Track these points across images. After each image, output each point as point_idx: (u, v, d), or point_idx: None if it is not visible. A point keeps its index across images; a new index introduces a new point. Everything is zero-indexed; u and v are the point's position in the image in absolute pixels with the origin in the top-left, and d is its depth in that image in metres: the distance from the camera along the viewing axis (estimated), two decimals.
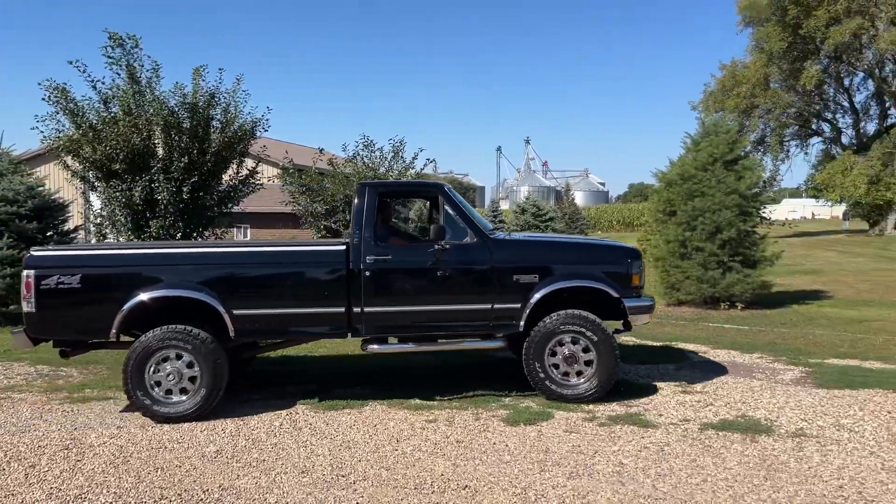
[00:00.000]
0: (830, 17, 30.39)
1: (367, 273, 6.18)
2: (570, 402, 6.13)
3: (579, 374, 6.23)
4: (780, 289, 12.80)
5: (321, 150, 16.13)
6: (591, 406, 6.04)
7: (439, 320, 6.41)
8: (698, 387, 6.65)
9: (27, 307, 5.89)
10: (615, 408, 6.00)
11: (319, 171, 16.21)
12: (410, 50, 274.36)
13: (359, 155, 15.85)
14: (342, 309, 6.16)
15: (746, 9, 34.48)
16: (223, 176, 12.72)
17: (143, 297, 5.90)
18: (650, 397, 6.32)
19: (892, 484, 4.29)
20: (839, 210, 47.62)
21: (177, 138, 11.61)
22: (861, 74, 35.47)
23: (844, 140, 37.52)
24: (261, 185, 13.53)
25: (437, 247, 6.26)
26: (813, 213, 74.48)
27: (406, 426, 5.57)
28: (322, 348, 8.63)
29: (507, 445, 5.08)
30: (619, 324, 6.59)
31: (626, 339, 8.48)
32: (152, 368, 5.87)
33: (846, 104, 37.69)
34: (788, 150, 39.50)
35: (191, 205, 12.01)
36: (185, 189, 11.67)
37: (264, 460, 4.86)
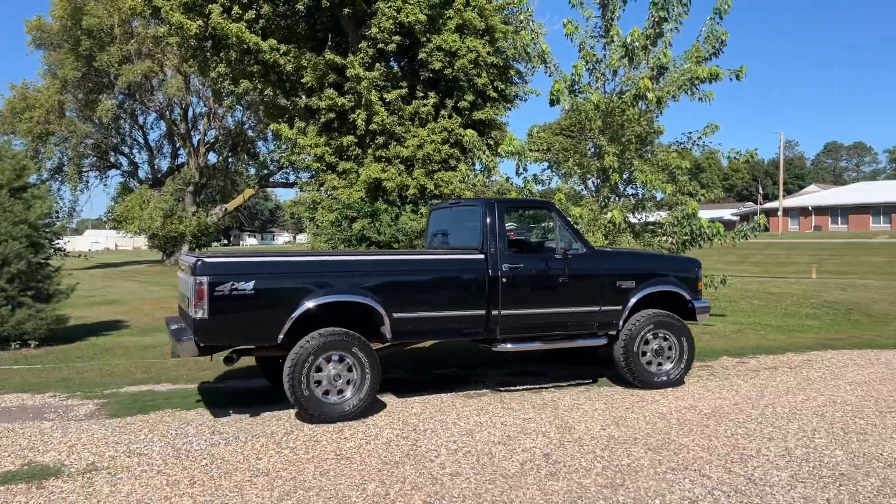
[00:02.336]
0: (123, 55, 31.56)
1: (504, 280, 6.92)
2: (661, 388, 7.48)
3: (662, 363, 7.57)
4: (79, 322, 12.47)
5: None
6: None
7: (559, 321, 7.31)
8: None
9: (199, 314, 5.86)
10: None
11: None
12: None
13: None
14: (483, 312, 6.89)
15: (36, 29, 32.81)
16: None
17: (315, 302, 6.21)
18: None
19: (200, 496, 4.58)
20: (142, 241, 49.74)
21: None
22: (154, 114, 37.98)
23: (141, 174, 39.49)
24: None
25: (558, 256, 7.23)
26: (116, 245, 75.66)
27: None
28: None
29: None
30: None
31: None
32: (314, 371, 6.17)
33: (142, 141, 39.80)
34: (88, 181, 39.24)
35: None
36: None
37: None
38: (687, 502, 4.46)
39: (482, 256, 6.99)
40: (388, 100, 17.73)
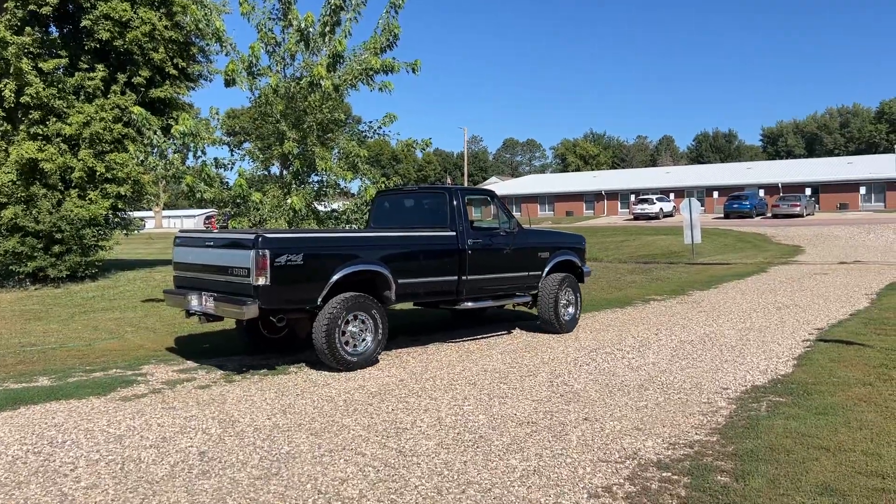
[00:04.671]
0: None
1: (469, 252, 8.67)
2: (570, 330, 9.88)
3: (569, 309, 9.92)
4: None
5: None
6: None
7: (501, 284, 9.29)
8: None
9: (262, 281, 6.89)
10: None
11: None
12: None
13: None
14: (455, 278, 8.62)
15: None
16: None
17: (347, 270, 7.48)
18: None
19: None
20: None
21: None
22: None
23: None
24: None
25: (502, 234, 9.21)
26: None
27: None
28: None
29: None
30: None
31: None
32: (341, 328, 7.35)
33: None
34: None
35: None
36: None
37: None
38: (338, 482, 4.51)
39: (454, 233, 8.65)
40: (44, 70, 15.53)
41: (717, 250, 25.27)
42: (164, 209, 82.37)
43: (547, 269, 9.79)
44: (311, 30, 10.82)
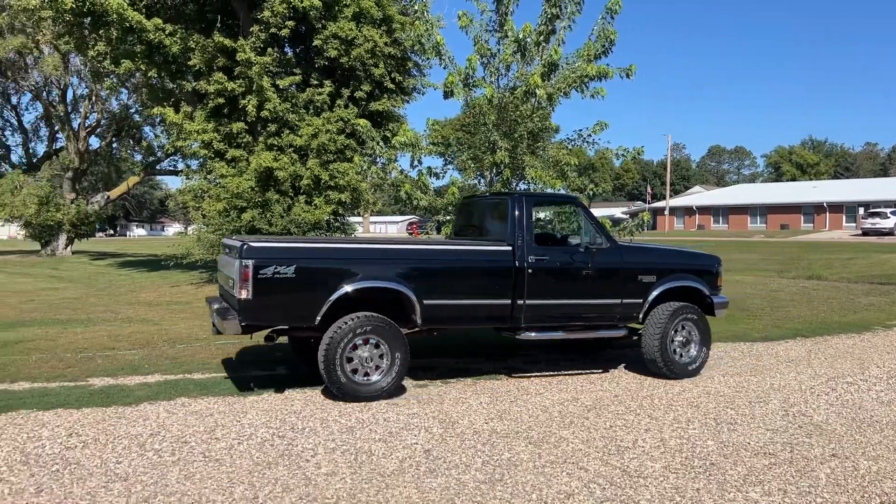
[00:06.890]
0: None
1: (530, 271, 7.17)
2: (690, 377, 7.80)
3: (688, 352, 7.85)
4: None
5: None
6: None
7: (581, 312, 7.56)
8: None
9: (244, 294, 6.16)
10: None
11: None
12: None
13: None
14: (508, 301, 7.18)
15: None
16: None
17: (351, 287, 6.49)
18: None
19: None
20: (18, 230, 46.16)
21: None
22: (29, 95, 35.35)
23: (14, 159, 36.74)
24: None
25: (582, 249, 7.44)
26: None
27: None
28: None
29: None
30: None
31: None
32: (347, 352, 6.45)
33: (15, 122, 37.03)
34: None
35: None
36: None
37: None
38: (563, 496, 4.44)
39: (509, 248, 7.28)
40: (281, 86, 17.14)
41: None
42: (371, 215, 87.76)
43: (652, 298, 7.82)
44: (528, 39, 10.91)
